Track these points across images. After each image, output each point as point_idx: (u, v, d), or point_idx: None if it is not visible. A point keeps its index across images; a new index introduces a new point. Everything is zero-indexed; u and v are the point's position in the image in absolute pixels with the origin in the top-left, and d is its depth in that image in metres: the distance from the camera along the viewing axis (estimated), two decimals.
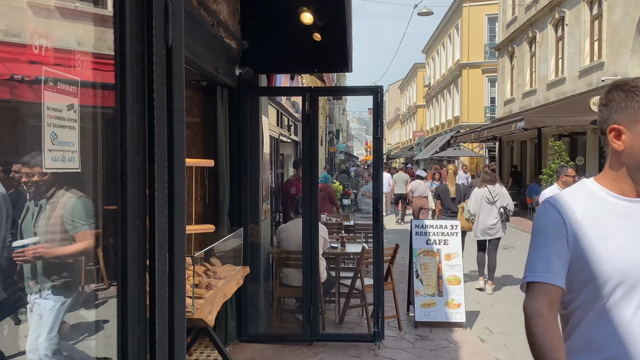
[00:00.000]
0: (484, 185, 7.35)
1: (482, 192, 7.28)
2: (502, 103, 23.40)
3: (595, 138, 14.99)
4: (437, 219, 7.76)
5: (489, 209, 7.19)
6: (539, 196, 15.32)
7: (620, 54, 13.09)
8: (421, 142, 44.23)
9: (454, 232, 5.71)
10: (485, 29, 30.17)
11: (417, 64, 50.97)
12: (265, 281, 5.18)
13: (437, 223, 5.77)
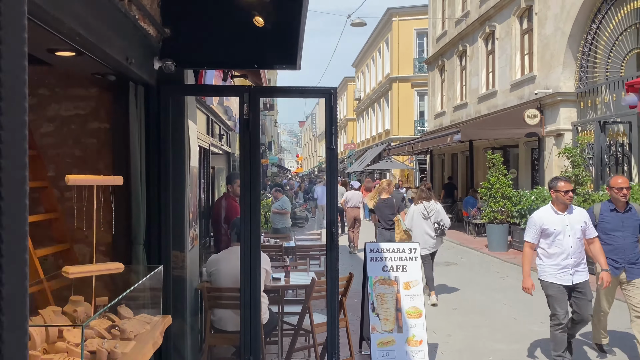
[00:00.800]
0: (419, 202, 7.63)
1: (418, 209, 7.56)
2: (432, 116, 23.56)
3: (528, 150, 15.15)
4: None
5: (425, 224, 7.47)
6: (475, 209, 15.31)
7: (551, 68, 13.25)
8: (352, 155, 44.24)
9: (413, 256, 5.00)
10: (415, 43, 30.61)
11: (347, 78, 51.26)
12: (193, 326, 4.19)
13: (394, 247, 5.04)
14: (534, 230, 4.77)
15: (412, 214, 7.62)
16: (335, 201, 4.01)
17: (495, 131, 13.64)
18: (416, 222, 7.51)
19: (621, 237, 4.86)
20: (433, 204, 7.59)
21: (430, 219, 7.46)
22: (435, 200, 7.74)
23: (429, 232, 7.44)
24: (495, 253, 11.84)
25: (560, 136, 12.96)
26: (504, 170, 12.23)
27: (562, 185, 4.58)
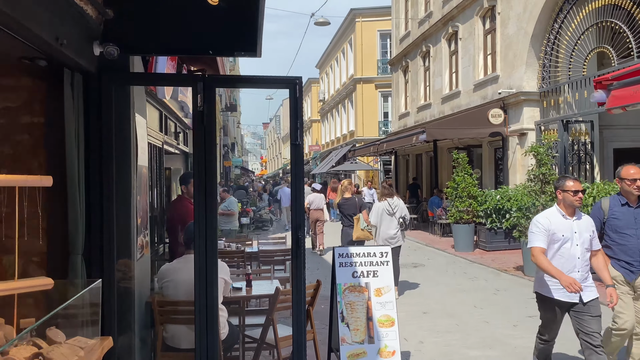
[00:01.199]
0: (383, 199, 7.92)
1: (383, 205, 7.86)
2: (396, 117, 23.51)
3: (491, 150, 15.18)
4: None
5: (390, 220, 7.77)
6: (440, 209, 15.23)
7: (514, 67, 13.29)
8: (317, 157, 43.97)
9: (384, 260, 4.69)
10: (378, 44, 30.60)
11: (311, 79, 50.95)
12: (143, 346, 3.74)
13: (364, 250, 4.71)
14: (542, 234, 3.95)
15: (377, 211, 7.87)
16: (301, 203, 3.64)
17: (460, 131, 13.58)
18: (381, 218, 7.78)
19: (634, 235, 4.19)
20: (396, 200, 7.93)
21: (394, 215, 7.79)
22: (397, 197, 8.10)
23: (393, 228, 7.77)
24: (461, 253, 11.72)
25: (524, 135, 13.00)
26: (470, 170, 12.15)
27: (571, 185, 3.94)
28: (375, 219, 7.82)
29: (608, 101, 7.02)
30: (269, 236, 15.69)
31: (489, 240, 11.88)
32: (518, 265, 9.98)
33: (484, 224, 11.90)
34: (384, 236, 7.72)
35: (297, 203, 3.62)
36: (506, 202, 11.74)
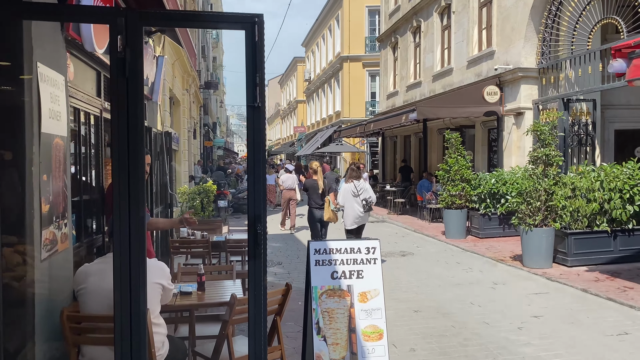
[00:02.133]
0: (350, 181, 8.26)
1: (349, 187, 8.21)
2: (384, 97, 22.55)
3: (485, 131, 14.34)
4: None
5: (354, 201, 8.12)
6: (430, 193, 14.39)
7: (512, 42, 12.38)
8: (302, 138, 42.94)
9: (372, 258, 3.80)
10: (366, 21, 29.46)
11: (296, 58, 49.59)
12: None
13: (346, 245, 3.81)
14: None
15: (343, 192, 8.30)
16: (261, 187, 2.71)
17: (453, 109, 12.69)
18: (347, 199, 8.19)
19: None
20: (362, 183, 8.28)
21: (359, 197, 8.12)
22: (364, 180, 8.52)
23: (358, 209, 8.12)
24: (453, 240, 10.93)
25: (521, 115, 12.16)
26: (463, 151, 11.29)
27: None
28: (342, 199, 8.26)
29: (629, 71, 6.16)
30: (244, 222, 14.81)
31: (482, 226, 11.09)
32: (515, 254, 9.20)
33: (478, 209, 11.10)
34: (352, 217, 8.17)
35: (257, 187, 2.69)
36: (501, 186, 10.93)
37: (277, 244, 11.28)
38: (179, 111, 15.87)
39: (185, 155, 16.68)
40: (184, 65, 15.19)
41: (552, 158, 8.05)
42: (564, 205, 8.01)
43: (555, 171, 8.05)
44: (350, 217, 8.17)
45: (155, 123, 6.95)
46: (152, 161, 6.24)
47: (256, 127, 2.64)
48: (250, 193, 2.70)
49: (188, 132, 18.12)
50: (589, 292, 6.67)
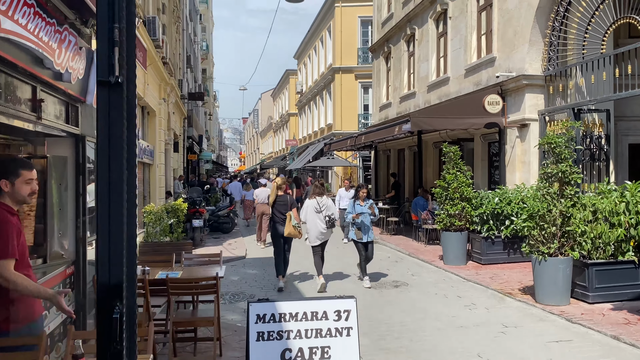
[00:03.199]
0: (313, 197, 8.44)
1: (312, 203, 8.36)
2: (377, 108, 21.46)
3: (485, 145, 13.20)
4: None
5: (317, 217, 8.25)
6: (426, 212, 13.19)
7: (515, 47, 11.29)
8: (294, 152, 41.79)
9: (344, 327, 2.56)
10: (359, 32, 28.51)
11: (289, 70, 48.65)
12: None
13: (305, 308, 2.57)
14: None
15: (306, 208, 8.45)
16: (123, 230, 1.50)
17: (450, 120, 11.54)
18: (310, 215, 8.32)
19: None
20: (325, 199, 8.46)
21: (322, 213, 8.28)
22: (327, 196, 8.67)
23: (321, 225, 8.25)
24: (452, 267, 9.70)
25: (525, 127, 11.03)
26: (463, 167, 10.11)
27: None
28: (305, 215, 8.40)
29: None
30: (225, 243, 13.51)
31: (484, 251, 9.87)
32: (524, 285, 7.98)
33: (479, 231, 9.90)
34: (315, 233, 8.30)
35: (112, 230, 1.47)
36: (506, 205, 9.76)
37: (253, 270, 10.01)
38: (154, 122, 14.66)
39: (162, 170, 15.43)
40: (159, 71, 14.01)
41: (568, 175, 6.87)
42: (583, 231, 6.82)
43: (572, 191, 6.86)
44: (313, 233, 8.34)
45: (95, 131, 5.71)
46: (47, 176, 4.98)
47: (114, 119, 1.44)
48: (102, 240, 1.48)
49: (166, 144, 16.89)
50: (622, 341, 5.45)
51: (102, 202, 1.42)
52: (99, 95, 1.40)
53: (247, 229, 17.25)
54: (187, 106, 24.96)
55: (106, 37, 1.38)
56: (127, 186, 1.43)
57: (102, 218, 1.44)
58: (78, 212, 5.27)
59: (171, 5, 18.97)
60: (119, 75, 1.38)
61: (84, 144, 5.30)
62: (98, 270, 1.46)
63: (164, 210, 10.34)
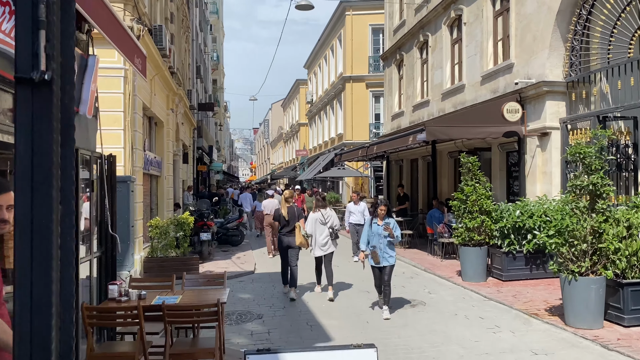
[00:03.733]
0: (317, 210, 8.82)
1: (317, 216, 8.75)
2: (389, 117, 21.01)
3: (502, 154, 12.69)
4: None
5: (322, 229, 8.66)
6: (442, 225, 12.68)
7: (534, 53, 10.82)
8: (304, 162, 41.44)
9: None
10: (370, 40, 28.18)
11: (299, 80, 48.50)
12: None
13: None
14: None
15: (311, 221, 8.80)
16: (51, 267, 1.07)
17: (467, 129, 11.06)
18: (315, 227, 8.71)
19: None
20: (329, 211, 8.90)
21: (326, 224, 8.72)
22: (330, 208, 9.12)
23: (326, 236, 8.68)
24: (471, 284, 9.18)
25: (546, 136, 10.53)
26: (482, 178, 9.61)
27: None
28: (311, 227, 8.72)
29: None
30: (233, 256, 13.09)
31: (505, 267, 9.34)
32: (551, 305, 7.45)
33: (500, 246, 9.38)
34: (319, 244, 8.70)
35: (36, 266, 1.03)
36: (527, 219, 9.24)
37: (262, 286, 9.57)
38: (162, 133, 14.36)
39: (170, 181, 15.10)
40: (166, 81, 13.73)
41: (600, 188, 6.36)
42: (617, 248, 6.30)
43: (604, 205, 6.35)
44: (317, 245, 8.70)
45: (89, 143, 5.35)
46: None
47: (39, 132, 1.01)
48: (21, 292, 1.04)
49: (174, 155, 16.59)
50: None
51: (21, 252, 0.99)
52: (18, 97, 0.99)
53: (257, 241, 16.83)
54: (197, 117, 24.72)
55: (28, 16, 0.96)
56: (60, 227, 1.01)
57: (20, 244, 1.01)
58: None
59: (180, 15, 18.78)
60: (46, 71, 0.96)
61: (77, 158, 4.92)
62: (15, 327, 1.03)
63: (169, 224, 9.95)
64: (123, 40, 4.62)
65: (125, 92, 9.70)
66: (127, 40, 4.76)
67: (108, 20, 4.10)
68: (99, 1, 3.93)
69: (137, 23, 9.63)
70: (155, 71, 12.20)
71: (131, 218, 9.33)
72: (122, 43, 4.57)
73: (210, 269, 11.13)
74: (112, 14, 4.17)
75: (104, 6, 4.07)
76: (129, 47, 4.77)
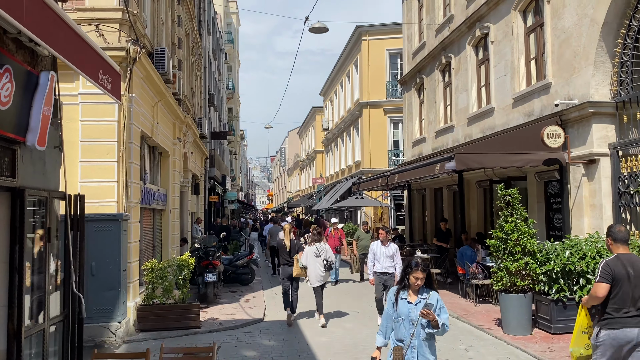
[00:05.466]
0: (312, 244, 9.50)
1: (312, 249, 9.45)
2: (410, 144, 19.86)
3: (540, 184, 11.40)
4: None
5: (317, 261, 9.36)
6: (475, 265, 11.33)
7: (575, 70, 9.64)
8: (321, 190, 40.33)
9: None
10: (387, 64, 27.30)
11: (315, 108, 47.89)
12: None
13: None
14: None
15: (306, 254, 9.38)
16: None
17: (502, 157, 9.81)
18: (310, 260, 9.31)
19: None
20: (323, 245, 9.54)
21: (320, 257, 9.34)
22: (324, 242, 9.81)
23: (320, 268, 9.32)
24: (515, 338, 7.83)
25: (594, 163, 9.25)
26: (524, 213, 8.34)
27: None
28: (305, 259, 9.32)
29: None
30: (242, 299, 11.86)
31: (554, 317, 7.97)
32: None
33: (547, 293, 8.03)
34: (314, 276, 9.36)
35: None
36: (579, 260, 7.91)
37: (271, 340, 8.30)
38: (167, 163, 13.40)
39: (176, 215, 14.06)
40: (171, 108, 12.83)
41: None
42: None
43: None
44: (313, 275, 9.37)
45: (45, 181, 4.28)
46: None
47: None
48: None
49: (182, 187, 15.60)
50: None
51: None
52: None
53: (270, 278, 15.63)
54: (210, 145, 23.90)
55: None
56: None
57: None
58: (12, 297, 3.78)
59: (189, 41, 18.08)
60: None
61: (22, 200, 3.85)
62: None
63: (165, 267, 8.83)
64: (79, 51, 3.58)
65: (119, 120, 8.74)
66: (87, 52, 3.72)
67: (48, 22, 3.06)
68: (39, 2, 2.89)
69: (134, 44, 8.73)
70: (157, 97, 11.30)
71: (123, 261, 8.26)
72: (77, 54, 3.53)
73: (214, 315, 9.93)
74: (55, 14, 3.13)
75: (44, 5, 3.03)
76: (89, 60, 3.73)
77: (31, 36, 2.86)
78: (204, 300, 10.87)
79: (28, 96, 3.73)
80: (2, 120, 3.46)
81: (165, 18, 13.43)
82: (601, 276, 4.42)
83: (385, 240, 9.22)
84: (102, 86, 3.98)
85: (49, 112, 3.92)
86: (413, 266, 4.26)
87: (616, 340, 4.28)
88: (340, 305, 11.07)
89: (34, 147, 3.82)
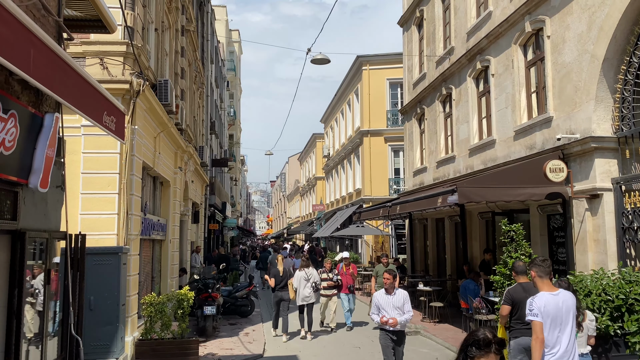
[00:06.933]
0: (302, 269, 11.49)
1: (301, 274, 11.43)
2: (410, 174, 19.86)
3: (543, 218, 11.33)
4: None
5: (305, 285, 11.34)
6: (478, 300, 11.19)
7: (576, 105, 9.69)
8: (321, 217, 40.19)
9: None
10: (387, 94, 27.54)
11: (315, 134, 48.15)
12: None
13: None
14: None
15: (297, 278, 11.39)
16: None
17: (505, 190, 9.78)
18: (300, 283, 11.31)
19: None
20: (311, 270, 11.55)
21: (309, 281, 11.32)
22: (312, 267, 11.72)
23: (308, 290, 11.30)
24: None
25: (597, 198, 9.21)
26: (528, 249, 8.27)
27: None
28: (296, 283, 11.31)
29: None
30: (241, 332, 11.67)
31: None
32: None
33: None
34: (302, 297, 11.28)
35: None
36: (584, 297, 7.78)
37: None
38: (167, 193, 13.37)
39: (175, 245, 13.96)
40: (173, 138, 12.86)
41: None
42: None
43: None
44: (301, 296, 11.28)
45: (46, 221, 4.23)
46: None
47: None
48: None
49: (182, 216, 15.53)
50: None
51: None
52: None
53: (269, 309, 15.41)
54: (211, 173, 23.91)
55: None
56: None
57: None
58: (9, 343, 3.69)
59: (192, 71, 18.25)
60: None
61: (23, 244, 3.79)
62: None
63: (165, 302, 8.70)
64: (85, 95, 3.57)
65: (122, 152, 8.74)
66: (93, 96, 3.72)
67: (54, 70, 3.05)
68: (41, 44, 2.90)
69: (137, 77, 8.79)
70: (160, 128, 11.34)
71: (122, 295, 8.14)
72: (83, 99, 3.52)
73: (213, 350, 9.75)
74: (62, 61, 3.13)
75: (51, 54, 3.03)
76: (95, 103, 3.73)
77: (39, 87, 2.85)
78: (203, 333, 10.69)
79: (32, 138, 3.71)
80: (5, 164, 3.43)
81: (169, 49, 13.58)
82: (504, 300, 6.25)
83: (390, 287, 7.14)
84: (106, 127, 3.97)
85: (53, 154, 3.90)
86: (483, 346, 2.47)
87: (520, 344, 6.02)
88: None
89: (36, 189, 3.78)
